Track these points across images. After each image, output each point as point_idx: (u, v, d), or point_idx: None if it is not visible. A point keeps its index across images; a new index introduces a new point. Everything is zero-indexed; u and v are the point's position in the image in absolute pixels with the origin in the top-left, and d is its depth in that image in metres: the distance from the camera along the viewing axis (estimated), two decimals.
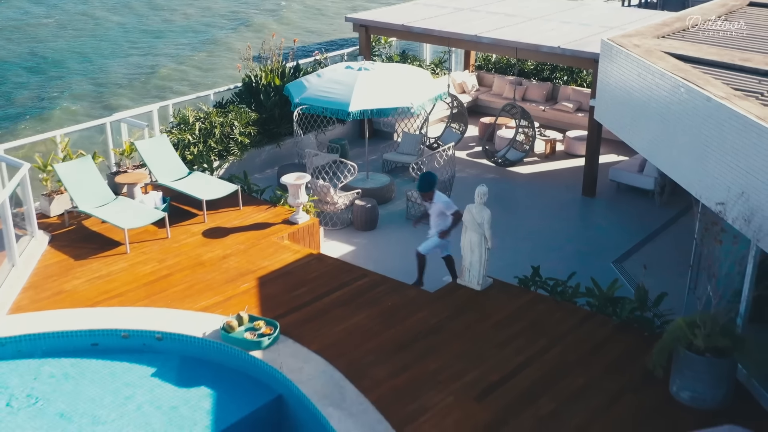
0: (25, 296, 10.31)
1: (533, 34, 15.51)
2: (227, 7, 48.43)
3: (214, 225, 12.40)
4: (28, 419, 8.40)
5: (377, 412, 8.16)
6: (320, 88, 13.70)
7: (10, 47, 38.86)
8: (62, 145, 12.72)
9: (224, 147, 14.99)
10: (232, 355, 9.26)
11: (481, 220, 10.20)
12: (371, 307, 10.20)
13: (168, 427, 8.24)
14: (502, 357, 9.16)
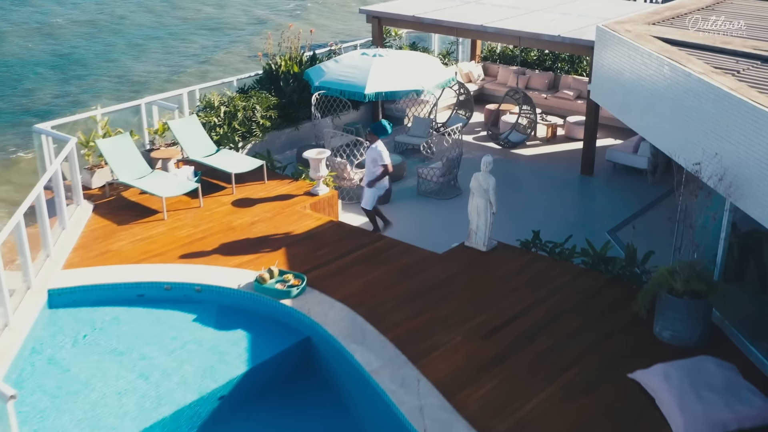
0: (75, 255, 11.46)
1: (535, 24, 16.63)
2: (246, 8, 49.72)
3: (241, 196, 13.54)
4: (87, 354, 9.55)
5: (395, 348, 9.28)
6: (338, 72, 14.83)
7: (47, 45, 40.33)
8: (102, 123, 13.87)
9: (247, 129, 16.11)
10: (264, 303, 10.39)
11: (487, 186, 11.31)
12: (387, 265, 11.33)
13: (209, 362, 9.37)
14: (504, 305, 10.29)
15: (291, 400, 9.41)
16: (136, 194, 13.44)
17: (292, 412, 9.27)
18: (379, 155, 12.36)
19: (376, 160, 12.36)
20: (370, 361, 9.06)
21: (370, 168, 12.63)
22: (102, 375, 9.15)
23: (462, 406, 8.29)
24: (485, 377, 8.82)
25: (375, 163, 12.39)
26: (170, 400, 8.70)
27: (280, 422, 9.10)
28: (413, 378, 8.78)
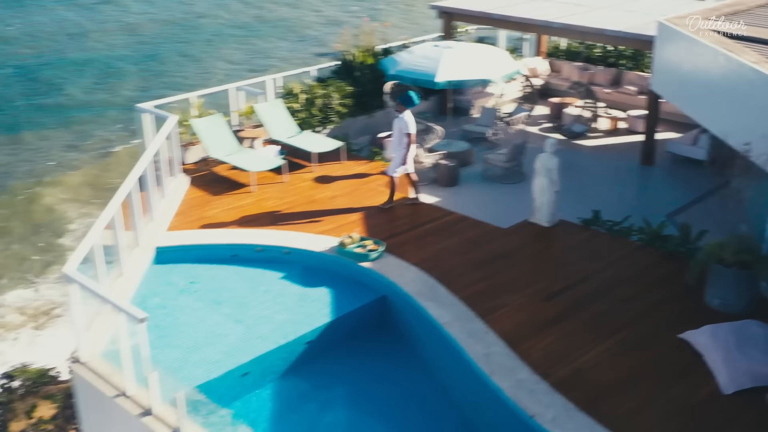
0: (176, 220, 12.76)
1: (599, 20, 17.40)
2: (319, 10, 51.44)
3: (321, 173, 14.71)
4: (189, 302, 10.80)
5: (464, 305, 10.30)
6: (411, 62, 15.87)
7: (137, 41, 42.73)
8: (197, 104, 15.18)
9: (324, 115, 17.26)
10: (345, 265, 11.50)
11: (550, 166, 12.24)
12: (457, 236, 12.35)
13: (297, 312, 10.53)
14: (565, 273, 11.22)
15: (368, 349, 10.48)
16: (226, 169, 14.71)
17: (369, 359, 10.34)
18: (405, 125, 13.16)
19: (402, 129, 13.23)
20: (441, 315, 10.10)
21: (396, 136, 13.43)
22: (204, 319, 10.38)
23: (525, 355, 9.25)
24: (546, 332, 9.77)
25: (401, 132, 13.24)
26: (263, 342, 9.88)
27: (358, 367, 10.18)
28: (481, 330, 9.78)
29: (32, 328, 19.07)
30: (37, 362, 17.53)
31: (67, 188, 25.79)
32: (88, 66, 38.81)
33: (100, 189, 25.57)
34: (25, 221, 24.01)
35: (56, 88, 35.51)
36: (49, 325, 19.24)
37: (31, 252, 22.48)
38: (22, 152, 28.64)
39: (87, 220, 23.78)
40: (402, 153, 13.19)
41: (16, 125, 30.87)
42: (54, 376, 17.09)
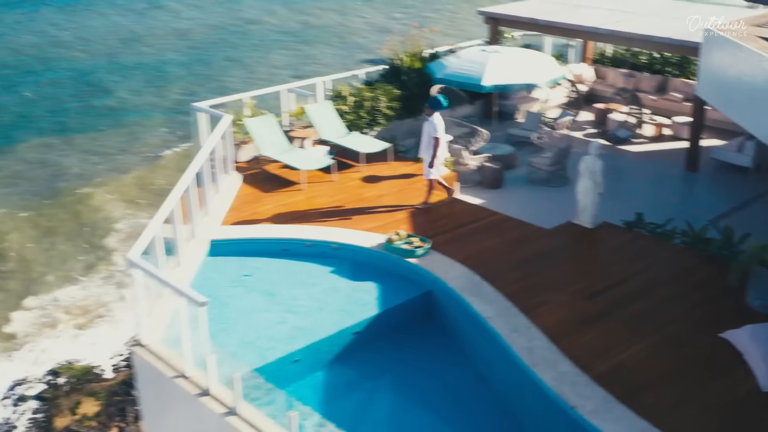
0: (230, 215, 13.26)
1: (646, 27, 17.56)
2: (366, 17, 52.25)
3: (369, 173, 15.11)
4: (242, 292, 11.26)
5: (508, 301, 10.59)
6: (458, 66, 16.22)
7: (191, 45, 43.94)
8: (249, 105, 15.70)
9: (372, 118, 17.67)
10: (392, 261, 11.87)
11: (595, 168, 12.47)
12: (501, 236, 12.64)
13: (345, 304, 10.92)
14: (607, 273, 11.45)
15: (413, 341, 10.81)
16: (277, 168, 15.18)
17: (414, 350, 10.68)
18: (434, 128, 13.45)
19: (431, 132, 13.53)
20: (485, 310, 10.40)
21: (425, 139, 13.71)
22: (256, 308, 10.83)
23: (567, 349, 9.51)
24: (588, 328, 10.03)
25: (430, 135, 13.54)
26: (313, 331, 10.28)
27: (403, 358, 10.52)
28: (524, 325, 10.06)
29: (76, 327, 19.62)
30: (82, 360, 18.22)
31: (115, 189, 26.51)
32: (139, 70, 39.85)
33: (147, 191, 26.31)
34: (73, 221, 24.73)
35: (107, 92, 36.52)
36: (93, 324, 19.79)
37: (77, 251, 23.17)
38: (73, 154, 29.53)
39: (132, 220, 24.49)
40: (431, 155, 13.52)
41: (68, 127, 31.82)
42: (98, 373, 17.75)
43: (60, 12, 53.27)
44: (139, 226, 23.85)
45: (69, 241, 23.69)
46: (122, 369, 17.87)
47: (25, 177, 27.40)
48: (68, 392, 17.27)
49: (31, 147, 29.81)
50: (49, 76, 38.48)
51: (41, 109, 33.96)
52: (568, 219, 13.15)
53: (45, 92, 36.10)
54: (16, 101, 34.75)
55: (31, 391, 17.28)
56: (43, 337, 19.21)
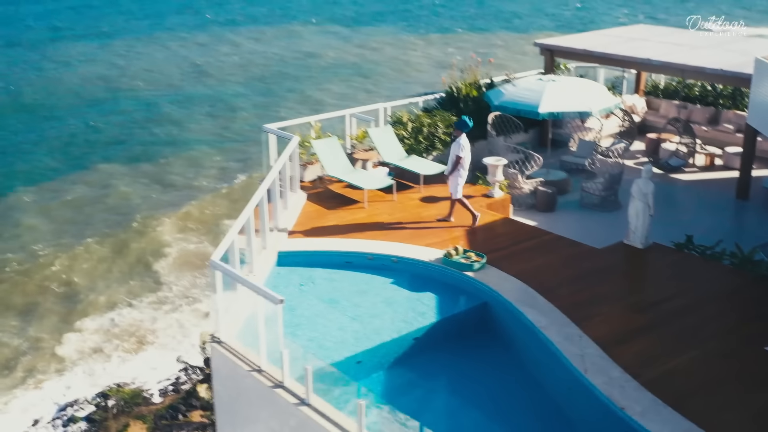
0: (296, 229, 14.07)
1: (699, 59, 18.07)
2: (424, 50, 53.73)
3: (428, 194, 15.83)
4: (308, 300, 12.00)
5: (560, 313, 11.15)
6: (515, 93, 16.92)
7: (254, 75, 45.66)
8: (315, 127, 16.61)
9: (430, 143, 18.42)
10: (450, 274, 12.52)
11: (646, 191, 13.01)
12: (553, 254, 13.22)
13: (405, 313, 11.59)
14: (657, 289, 11.96)
15: (469, 347, 11.41)
16: (340, 187, 16.00)
17: (470, 356, 11.28)
18: (459, 147, 14.23)
19: (455, 152, 14.28)
20: (539, 320, 10.97)
21: (452, 159, 14.42)
22: (321, 315, 11.57)
23: (617, 357, 10.03)
24: (637, 339, 10.53)
25: (455, 155, 14.30)
26: (376, 336, 10.97)
27: (460, 362, 11.14)
28: (576, 335, 10.61)
29: (126, 350, 20.37)
30: (131, 383, 19.04)
31: (172, 217, 27.33)
32: (202, 100, 41.50)
33: (200, 220, 27.08)
34: (129, 247, 25.55)
35: (171, 121, 38.08)
36: (142, 348, 20.54)
37: (131, 276, 23.98)
38: (136, 181, 30.81)
39: (183, 246, 25.35)
40: (455, 175, 14.29)
41: (133, 156, 33.18)
42: (146, 397, 18.54)
43: (126, 45, 55.68)
44: (189, 253, 24.88)
45: (122, 266, 24.59)
46: (170, 393, 18.68)
47: (88, 202, 28.61)
48: (116, 415, 17.98)
49: (96, 173, 31.18)
50: (115, 106, 40.25)
51: (107, 137, 35.48)
52: (620, 239, 13.66)
53: (111, 121, 37.74)
54: (83, 130, 36.38)
55: (81, 412, 18.03)
56: (93, 359, 19.99)
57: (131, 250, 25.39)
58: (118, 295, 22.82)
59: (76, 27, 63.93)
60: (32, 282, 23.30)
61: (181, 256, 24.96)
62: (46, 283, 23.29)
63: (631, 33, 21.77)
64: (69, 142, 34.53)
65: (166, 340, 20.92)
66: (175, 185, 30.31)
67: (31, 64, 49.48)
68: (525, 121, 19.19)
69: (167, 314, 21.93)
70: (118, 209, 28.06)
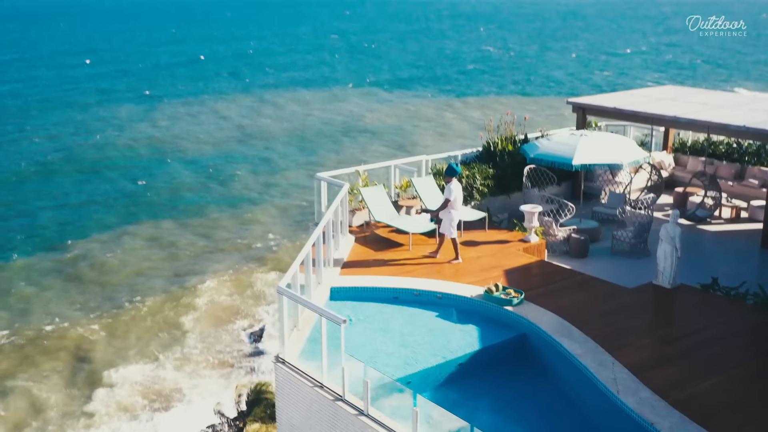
0: (346, 268, 15.22)
1: (724, 117, 19.16)
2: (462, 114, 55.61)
3: (468, 239, 16.93)
4: (360, 330, 13.07)
5: (594, 343, 12.09)
6: (549, 147, 18.11)
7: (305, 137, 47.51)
8: (363, 176, 17.88)
9: (468, 193, 19.60)
10: (491, 309, 13.54)
11: (674, 234, 14.01)
12: (586, 292, 14.21)
13: (450, 341, 12.59)
14: (684, 324, 12.89)
15: (509, 373, 12.36)
16: (386, 232, 17.18)
17: (510, 380, 12.23)
18: (449, 191, 15.66)
19: (445, 195, 15.71)
20: (574, 348, 11.93)
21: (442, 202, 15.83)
22: (373, 342, 12.62)
23: (647, 381, 10.94)
24: (666, 366, 11.44)
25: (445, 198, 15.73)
26: (423, 361, 11.98)
27: (501, 385, 12.08)
28: (609, 361, 11.54)
29: (152, 408, 20.96)
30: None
31: (215, 276, 28.17)
32: (246, 160, 43.23)
33: (242, 286, 27.94)
34: (167, 304, 26.29)
35: (217, 181, 39.70)
36: (170, 406, 21.15)
37: (156, 331, 24.73)
38: (183, 239, 32.13)
39: (223, 299, 26.29)
40: (445, 216, 15.64)
41: (180, 214, 34.53)
42: None
43: (171, 107, 58.10)
44: (222, 308, 25.73)
45: (157, 324, 25.17)
46: None
47: (135, 260, 29.67)
48: None
49: (142, 231, 32.43)
50: (162, 166, 42.03)
51: (154, 196, 37.01)
52: (649, 281, 14.62)
53: (158, 180, 39.40)
54: (132, 189, 38.00)
55: None
56: (119, 417, 20.66)
57: (168, 308, 26.00)
58: (151, 352, 23.43)
59: (122, 89, 66.91)
60: (69, 338, 24.06)
61: (215, 310, 25.75)
62: (85, 337, 24.07)
63: (659, 93, 22.99)
64: (117, 201, 36.06)
65: (192, 397, 21.46)
66: (217, 242, 31.41)
67: (81, 125, 51.82)
68: (558, 174, 20.33)
69: (193, 372, 22.52)
70: (161, 268, 28.97)
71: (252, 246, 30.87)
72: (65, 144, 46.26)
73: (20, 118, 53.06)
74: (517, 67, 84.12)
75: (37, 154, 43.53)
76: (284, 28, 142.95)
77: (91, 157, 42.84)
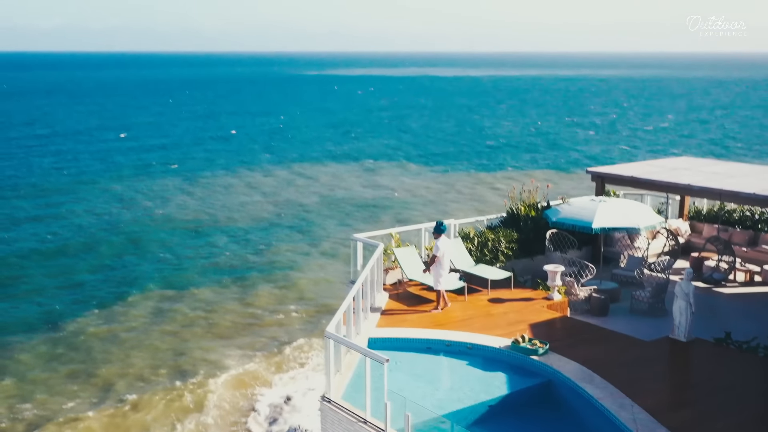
0: (382, 321, 16.36)
1: (735, 185, 20.34)
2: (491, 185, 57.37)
3: (494, 296, 18.05)
4: (396, 375, 14.09)
5: (615, 388, 13.08)
6: (570, 211, 19.34)
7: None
8: (395, 238, 19.15)
9: (494, 255, 20.79)
10: (518, 358, 14.58)
11: (687, 291, 15.08)
12: (607, 344, 15.24)
13: (481, 386, 13.64)
14: (699, 371, 13.88)
15: (536, 414, 13.34)
16: (417, 290, 18.35)
17: (537, 421, 13.20)
18: (437, 248, 17.12)
19: (434, 251, 17.11)
20: (596, 392, 12.93)
21: (430, 257, 17.30)
22: (408, 386, 13.65)
23: (665, 421, 11.90)
24: (682, 408, 12.41)
25: (433, 254, 17.14)
26: (456, 402, 13.02)
27: (528, 426, 13.05)
28: (628, 404, 12.52)
29: None
30: None
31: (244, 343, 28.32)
32: (284, 229, 44.63)
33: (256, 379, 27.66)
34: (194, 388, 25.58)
35: (255, 250, 40.91)
36: None
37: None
38: (221, 305, 33.15)
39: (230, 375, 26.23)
40: (435, 270, 17.05)
41: (217, 285, 35.39)
42: None
43: (208, 180, 60.18)
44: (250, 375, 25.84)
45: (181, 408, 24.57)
46: None
47: (174, 324, 30.21)
48: None
49: (182, 300, 33.34)
50: (202, 236, 43.32)
51: (198, 265, 38.00)
52: (666, 334, 15.63)
53: (201, 250, 40.50)
54: (175, 260, 38.94)
55: None
56: None
57: (195, 390, 25.26)
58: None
59: (157, 162, 69.34)
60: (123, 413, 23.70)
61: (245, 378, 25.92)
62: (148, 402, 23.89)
63: (674, 163, 24.28)
64: (159, 271, 36.92)
65: None
66: (256, 312, 31.50)
67: (118, 197, 53.66)
68: (579, 238, 21.48)
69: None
70: (199, 338, 28.82)
71: (290, 313, 31.66)
72: (107, 215, 47.87)
73: (60, 194, 54.99)
74: (539, 141, 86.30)
75: (82, 228, 44.83)
76: (314, 103, 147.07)
77: (129, 230, 44.00)
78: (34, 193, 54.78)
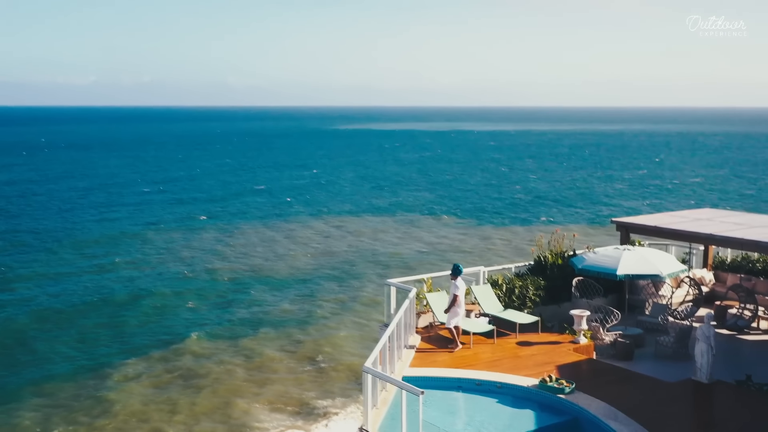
0: (414, 361, 17.18)
1: (757, 235, 21.04)
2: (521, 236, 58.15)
3: (523, 340, 18.81)
4: (429, 411, 14.86)
5: (639, 425, 13.76)
6: (596, 259, 20.15)
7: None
8: (428, 283, 20.05)
9: (521, 301, 21.57)
10: (545, 396, 15.30)
11: (708, 334, 15.76)
12: (631, 385, 15.92)
13: (511, 422, 14.36)
14: (720, 410, 14.51)
15: None
16: (448, 333, 19.15)
17: None
18: (455, 287, 18.00)
19: (453, 291, 18.02)
20: (621, 429, 13.61)
21: (450, 297, 18.15)
22: (442, 421, 14.43)
23: None
24: None
25: (452, 293, 18.04)
26: None
27: None
28: None
29: None
30: None
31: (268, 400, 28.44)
32: (321, 282, 45.62)
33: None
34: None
35: (281, 308, 41.81)
36: None
37: None
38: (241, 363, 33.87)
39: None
40: (453, 310, 17.92)
41: (260, 334, 36.07)
42: None
43: (245, 233, 61.61)
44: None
45: None
46: None
47: (219, 376, 31.14)
48: None
49: (226, 350, 34.30)
50: (247, 288, 44.29)
51: (238, 317, 38.80)
52: (688, 377, 16.27)
53: (240, 302, 41.34)
54: (194, 317, 39.69)
55: None
56: None
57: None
58: None
59: (196, 214, 71.08)
60: None
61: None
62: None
63: (697, 214, 25.04)
64: (176, 324, 37.80)
65: None
66: (299, 360, 32.29)
67: (163, 248, 55.11)
68: (605, 286, 22.21)
69: None
70: (246, 387, 29.31)
71: (328, 359, 32.31)
72: (146, 270, 48.78)
73: (99, 245, 56.56)
74: (571, 195, 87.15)
75: (125, 280, 46.06)
76: (346, 156, 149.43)
77: (171, 286, 45.07)
78: (77, 245, 56.40)
